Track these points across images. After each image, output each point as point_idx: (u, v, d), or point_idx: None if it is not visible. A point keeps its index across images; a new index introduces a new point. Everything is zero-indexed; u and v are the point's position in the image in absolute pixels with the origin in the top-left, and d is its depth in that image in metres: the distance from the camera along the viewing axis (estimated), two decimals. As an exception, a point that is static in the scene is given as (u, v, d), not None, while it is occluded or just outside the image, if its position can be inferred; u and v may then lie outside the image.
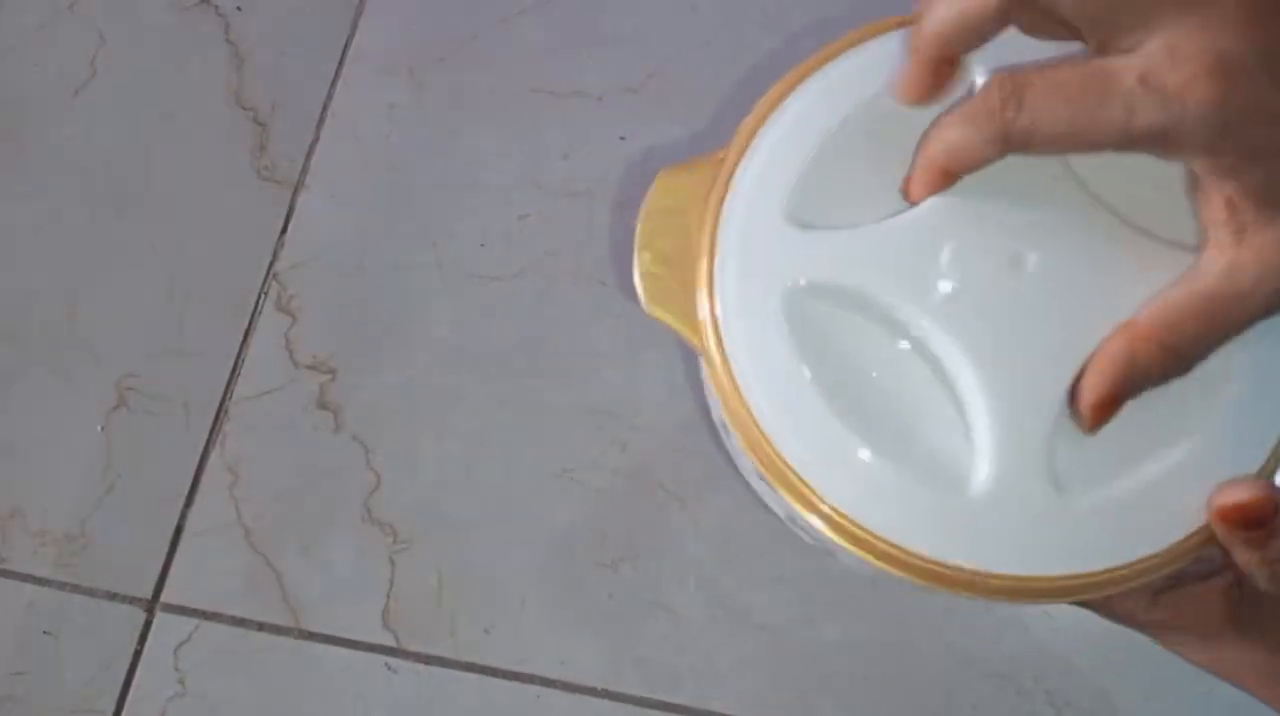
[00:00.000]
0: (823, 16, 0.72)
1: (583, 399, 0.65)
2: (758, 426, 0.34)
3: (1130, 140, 0.25)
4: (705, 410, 0.64)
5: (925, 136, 0.30)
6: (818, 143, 0.36)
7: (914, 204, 0.31)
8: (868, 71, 0.35)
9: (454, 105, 0.71)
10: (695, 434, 0.64)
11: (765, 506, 0.41)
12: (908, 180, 0.31)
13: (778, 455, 0.33)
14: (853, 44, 0.36)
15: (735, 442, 0.36)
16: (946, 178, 0.30)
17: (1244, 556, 0.31)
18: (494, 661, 0.61)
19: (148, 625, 0.62)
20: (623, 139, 0.70)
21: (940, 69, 0.29)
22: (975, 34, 0.28)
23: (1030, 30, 0.28)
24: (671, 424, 0.64)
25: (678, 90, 0.71)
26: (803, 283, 0.34)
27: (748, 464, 0.35)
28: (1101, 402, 0.30)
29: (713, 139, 0.70)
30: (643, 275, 0.36)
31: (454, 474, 0.64)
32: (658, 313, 0.35)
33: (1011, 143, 0.27)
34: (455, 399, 0.65)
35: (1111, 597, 0.33)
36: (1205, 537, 0.30)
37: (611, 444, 0.64)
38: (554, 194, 0.69)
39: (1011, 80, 0.26)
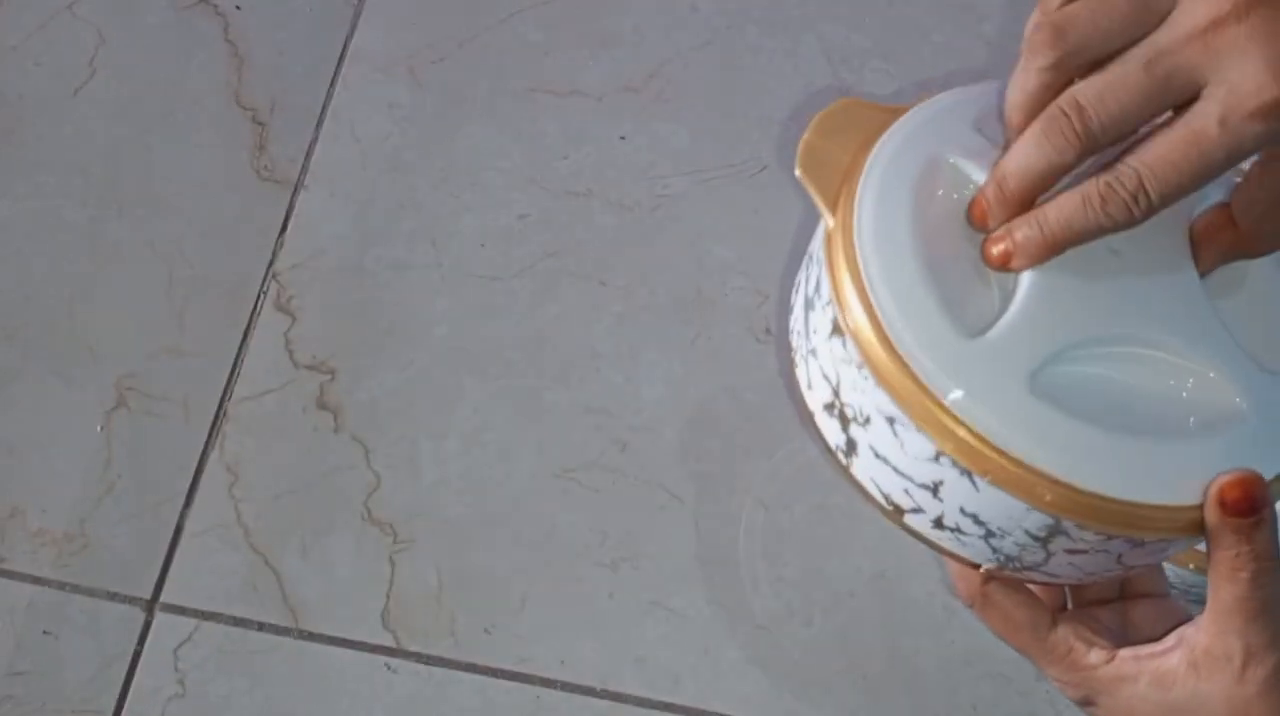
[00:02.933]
0: (823, 16, 0.72)
1: (583, 399, 0.65)
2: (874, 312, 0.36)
3: (1238, 161, 0.31)
4: (705, 410, 0.64)
5: (1042, 213, 0.33)
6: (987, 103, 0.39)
7: (1013, 270, 0.35)
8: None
9: (454, 105, 0.71)
10: (695, 433, 0.64)
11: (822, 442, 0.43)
12: (1004, 250, 0.35)
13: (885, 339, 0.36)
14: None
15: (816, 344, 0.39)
16: (1056, 250, 0.34)
17: (1230, 550, 0.34)
18: (494, 661, 0.61)
19: (148, 625, 0.62)
20: (623, 139, 0.70)
21: (1021, 207, 0.34)
22: (1056, 179, 0.33)
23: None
24: (671, 424, 0.64)
25: (678, 90, 0.71)
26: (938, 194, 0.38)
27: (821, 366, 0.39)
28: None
29: (713, 139, 0.70)
30: (804, 144, 0.40)
31: (454, 474, 0.64)
32: (806, 177, 0.39)
33: (1140, 220, 0.32)
34: (455, 399, 0.65)
35: None
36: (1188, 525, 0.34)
37: (611, 444, 0.64)
38: (554, 194, 0.69)
39: (1131, 173, 0.31)
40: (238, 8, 0.75)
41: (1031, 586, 0.40)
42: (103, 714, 0.61)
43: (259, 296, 0.68)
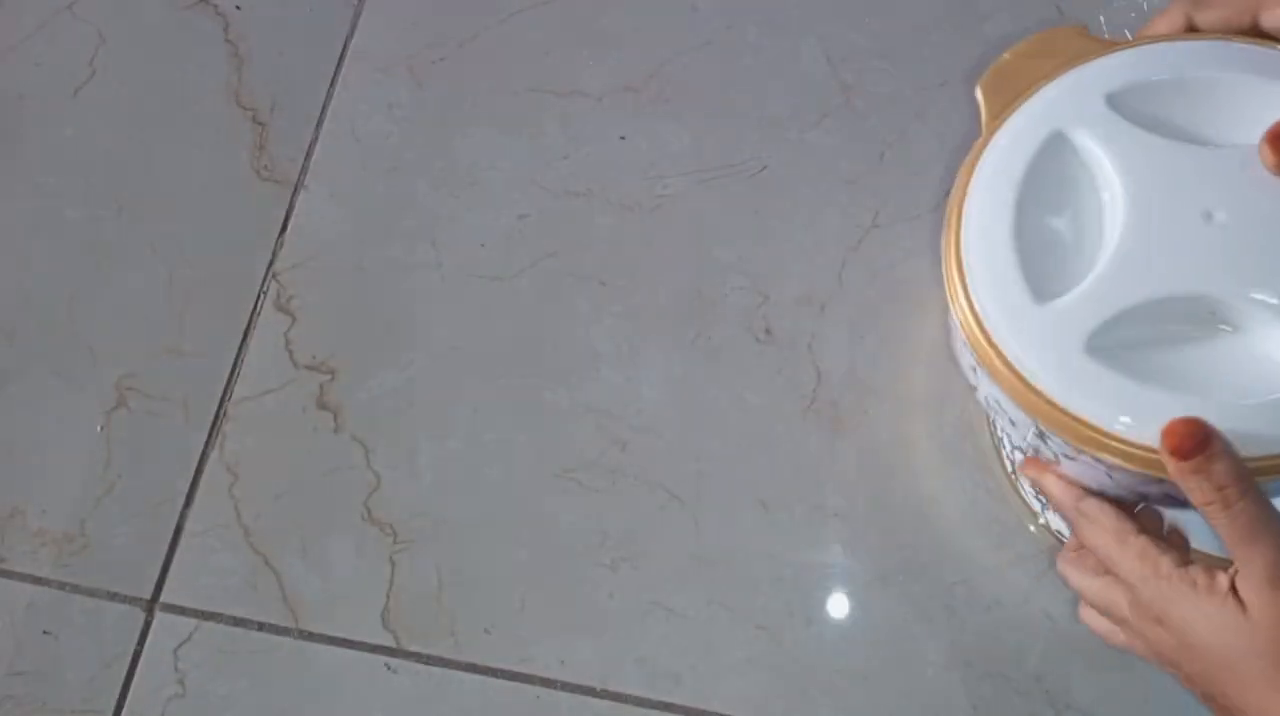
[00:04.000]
0: (823, 16, 0.72)
1: (583, 399, 0.65)
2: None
3: None
4: (705, 410, 0.64)
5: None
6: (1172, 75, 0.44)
7: None
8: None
9: (454, 105, 0.71)
10: (695, 433, 0.64)
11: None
12: None
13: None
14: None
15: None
16: None
17: (1198, 491, 0.38)
18: (494, 661, 0.61)
19: (148, 625, 0.62)
20: (623, 139, 0.70)
21: None
22: None
23: None
24: (671, 424, 0.64)
25: (678, 90, 0.71)
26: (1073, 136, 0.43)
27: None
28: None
29: (713, 139, 0.70)
30: (997, 65, 0.46)
31: (454, 474, 0.64)
32: (985, 96, 0.46)
33: None
34: (455, 399, 0.65)
35: None
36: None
37: (611, 444, 0.64)
38: (554, 194, 0.69)
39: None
40: (238, 8, 0.75)
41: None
42: (103, 714, 0.61)
43: (259, 296, 0.68)
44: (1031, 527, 0.60)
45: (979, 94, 0.46)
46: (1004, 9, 0.72)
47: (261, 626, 0.62)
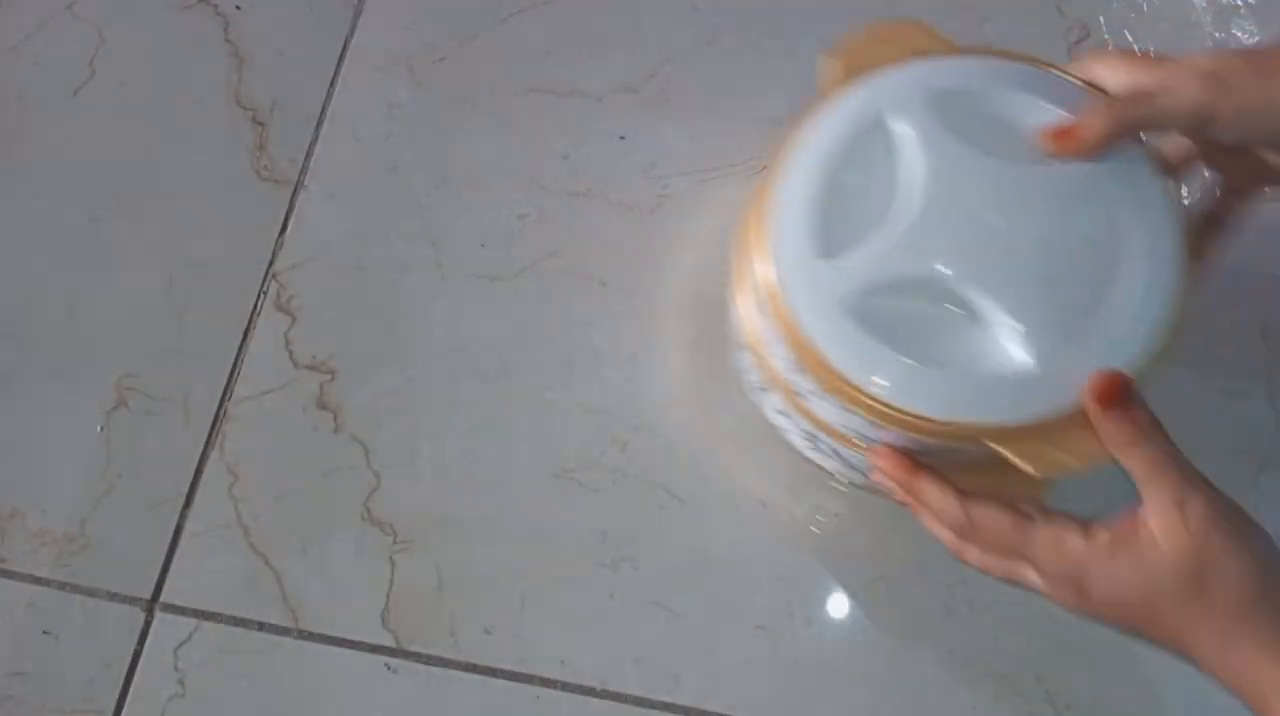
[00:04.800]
0: (823, 16, 0.72)
1: (583, 399, 0.65)
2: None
3: None
4: (706, 410, 0.64)
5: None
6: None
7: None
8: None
9: (454, 105, 0.71)
10: (695, 433, 0.64)
11: (783, 434, 0.56)
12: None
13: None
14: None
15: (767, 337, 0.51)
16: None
17: (1116, 434, 0.43)
18: (494, 661, 0.61)
19: (148, 625, 0.62)
20: (623, 139, 0.70)
21: None
22: None
23: None
24: (671, 424, 0.64)
25: (678, 90, 0.71)
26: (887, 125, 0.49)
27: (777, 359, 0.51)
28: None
29: (713, 139, 0.70)
30: (847, 42, 0.51)
31: (454, 474, 0.64)
32: (828, 65, 0.51)
33: None
34: (455, 399, 0.65)
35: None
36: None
37: (611, 444, 0.64)
38: (554, 194, 0.69)
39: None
40: (238, 8, 0.75)
41: None
42: (103, 714, 0.61)
43: (259, 296, 0.68)
44: (839, 487, 0.62)
45: (820, 64, 0.52)
46: (1004, 9, 0.72)
47: (261, 626, 0.62)
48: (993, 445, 0.46)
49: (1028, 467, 0.46)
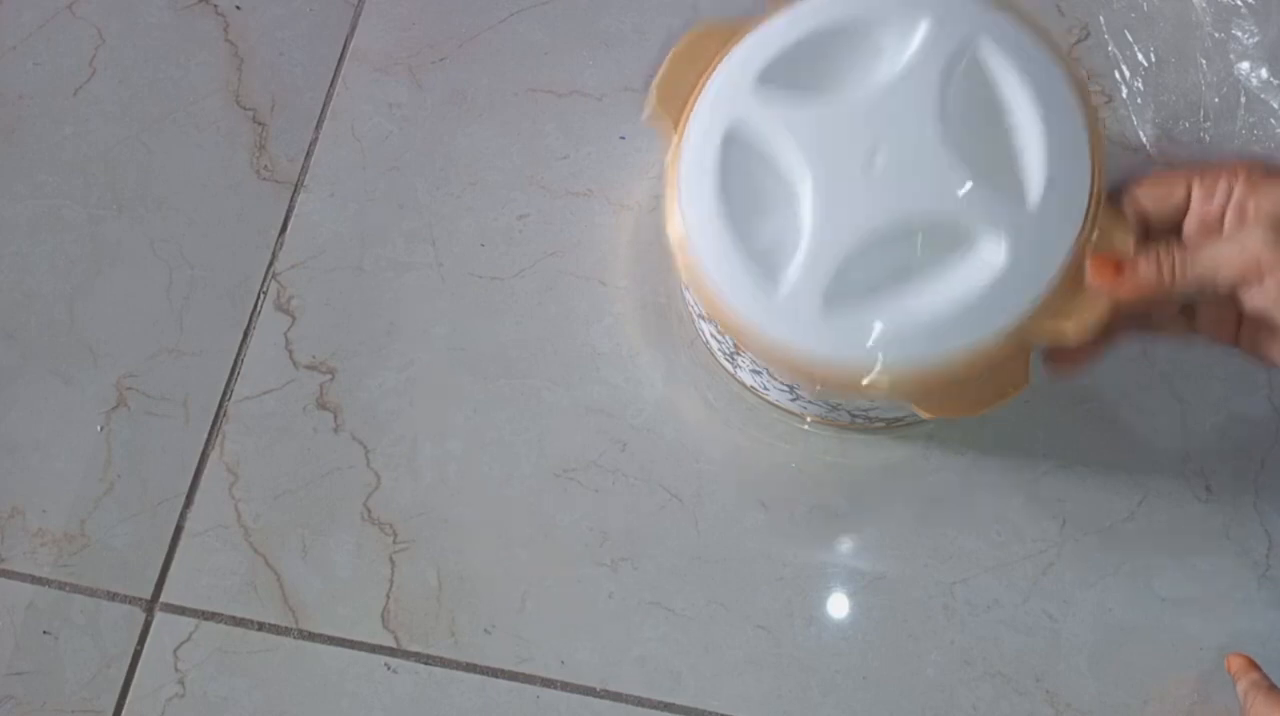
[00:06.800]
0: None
1: (583, 399, 0.65)
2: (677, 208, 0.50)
3: None
4: (704, 409, 0.65)
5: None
6: (812, 27, 0.50)
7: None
8: None
9: (454, 105, 0.71)
10: (695, 433, 0.64)
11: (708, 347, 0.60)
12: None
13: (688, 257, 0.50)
14: None
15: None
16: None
17: (1149, 277, 0.44)
18: (494, 661, 0.61)
19: (148, 625, 0.62)
20: (623, 139, 0.70)
21: None
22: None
23: None
24: (671, 424, 0.64)
25: (678, 90, 0.71)
26: (741, 120, 0.49)
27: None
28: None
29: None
30: (659, 83, 0.51)
31: (454, 474, 0.64)
32: (659, 106, 0.51)
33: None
34: (455, 399, 0.65)
35: (1154, 319, 0.49)
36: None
37: (611, 444, 0.64)
38: (554, 194, 0.69)
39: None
40: (238, 8, 0.75)
41: None
42: (103, 714, 0.61)
43: (259, 296, 0.68)
44: (805, 427, 0.64)
45: (652, 110, 0.52)
46: (1004, 9, 0.72)
47: (261, 626, 0.62)
48: (902, 399, 0.48)
49: (925, 414, 0.49)
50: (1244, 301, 0.44)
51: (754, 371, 0.57)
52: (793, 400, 0.59)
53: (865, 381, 0.48)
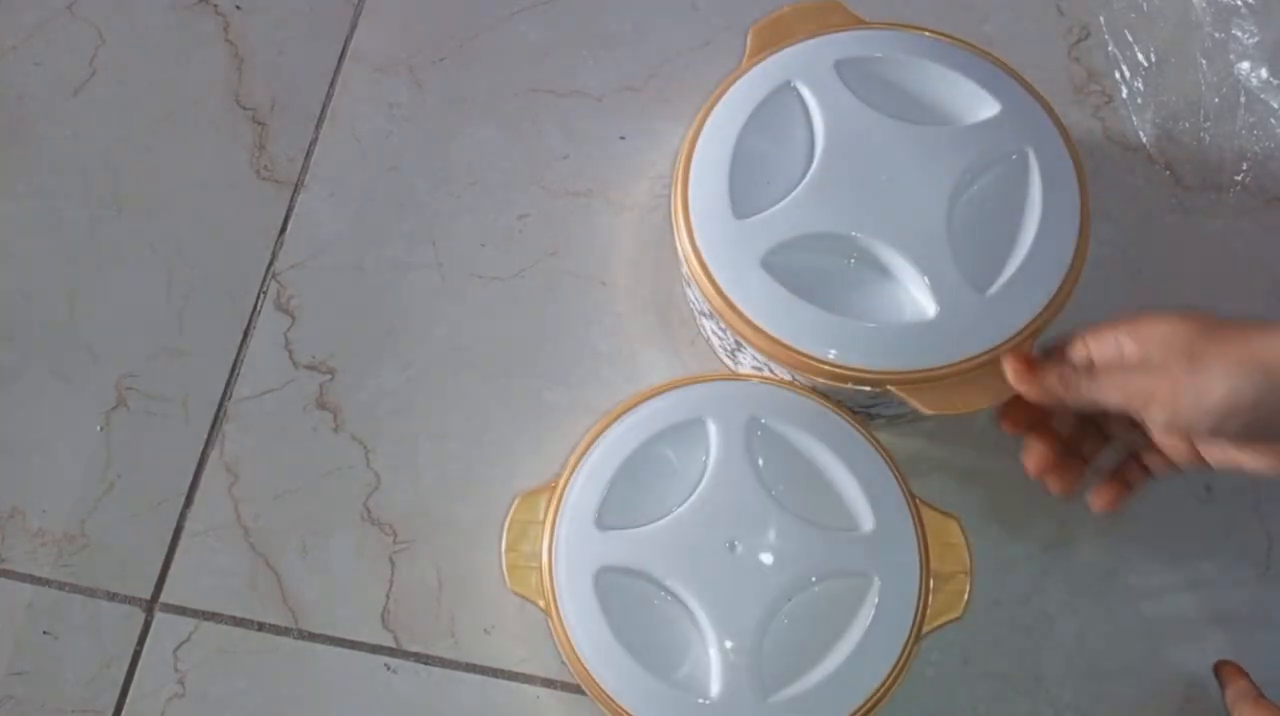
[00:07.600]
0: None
1: (583, 399, 0.65)
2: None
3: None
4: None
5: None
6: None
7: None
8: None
9: (454, 105, 0.71)
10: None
11: None
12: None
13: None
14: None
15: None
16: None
17: (1048, 387, 0.49)
18: (494, 661, 0.61)
19: (148, 625, 0.62)
20: (623, 139, 0.70)
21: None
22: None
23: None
24: (671, 424, 0.64)
25: (678, 90, 0.71)
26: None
27: None
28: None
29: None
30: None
31: (454, 474, 0.64)
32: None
33: None
34: (455, 399, 0.65)
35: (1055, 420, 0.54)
36: None
37: (611, 444, 0.64)
38: (554, 194, 0.69)
39: None
40: (238, 8, 0.75)
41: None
42: (103, 714, 0.61)
43: (259, 296, 0.68)
44: None
45: (749, 37, 0.57)
46: (1004, 9, 0.72)
47: (261, 626, 0.62)
48: (893, 389, 0.51)
49: (924, 409, 0.51)
50: (1148, 427, 0.49)
51: (755, 369, 0.57)
52: None
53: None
